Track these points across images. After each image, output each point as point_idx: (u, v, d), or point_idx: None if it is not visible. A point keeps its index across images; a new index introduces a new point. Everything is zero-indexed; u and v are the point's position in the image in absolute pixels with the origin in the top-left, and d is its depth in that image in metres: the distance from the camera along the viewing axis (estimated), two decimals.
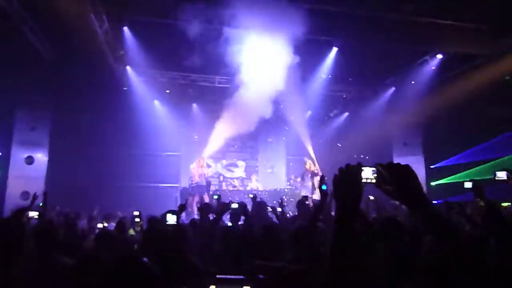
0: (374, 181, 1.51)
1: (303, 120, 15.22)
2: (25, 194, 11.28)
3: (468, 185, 5.26)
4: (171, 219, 4.09)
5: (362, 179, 1.51)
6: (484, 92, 9.89)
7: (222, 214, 4.87)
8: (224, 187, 14.15)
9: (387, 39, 9.55)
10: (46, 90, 11.59)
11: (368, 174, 1.53)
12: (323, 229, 3.16)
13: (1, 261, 2.48)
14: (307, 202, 7.27)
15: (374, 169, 1.52)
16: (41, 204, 5.64)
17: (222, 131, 14.05)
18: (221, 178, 14.68)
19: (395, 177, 1.43)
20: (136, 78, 12.08)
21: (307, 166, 12.39)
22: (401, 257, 2.28)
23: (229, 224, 5.23)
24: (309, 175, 12.25)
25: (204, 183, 12.57)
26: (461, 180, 11.36)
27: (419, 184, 1.43)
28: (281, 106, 12.66)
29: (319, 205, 3.81)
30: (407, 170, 1.44)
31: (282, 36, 9.63)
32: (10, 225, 2.81)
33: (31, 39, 8.84)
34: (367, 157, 12.63)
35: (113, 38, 9.94)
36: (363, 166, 1.53)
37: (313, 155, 13.37)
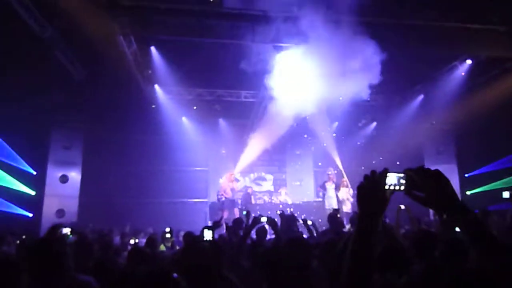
0: (402, 187, 1.39)
1: (330, 131, 15.10)
2: (60, 212, 11.64)
3: (506, 194, 5.04)
4: (208, 235, 4.12)
5: (386, 185, 1.39)
6: None
7: (251, 229, 4.84)
8: (252, 201, 14.12)
9: (414, 45, 9.38)
10: (78, 110, 12.03)
11: (395, 180, 1.40)
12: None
13: (44, 279, 2.53)
14: (338, 215, 7.14)
15: (402, 175, 1.41)
16: None
17: (250, 145, 14.11)
18: (250, 190, 14.63)
19: (426, 183, 1.33)
20: (164, 96, 12.35)
21: (329, 173, 12.23)
22: (441, 275, 2.13)
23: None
24: (333, 186, 12.02)
25: (234, 198, 12.58)
26: (498, 187, 10.89)
27: (452, 189, 1.32)
28: (307, 118, 12.56)
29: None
30: (438, 174, 1.35)
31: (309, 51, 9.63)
32: (49, 243, 2.87)
33: (63, 61, 9.23)
34: (397, 163, 12.34)
35: (141, 58, 10.24)
36: (389, 172, 1.42)
37: (341, 167, 13.16)
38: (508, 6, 8.20)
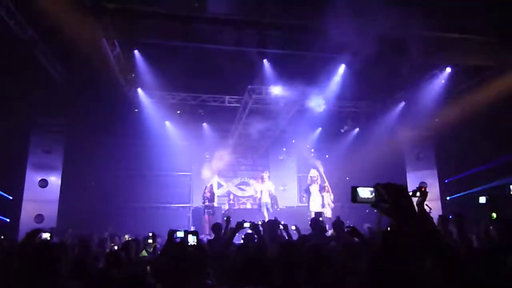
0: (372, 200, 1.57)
1: (313, 137, 15.24)
2: (39, 217, 11.38)
3: (482, 200, 5.17)
4: (192, 240, 4.12)
5: (359, 198, 1.59)
6: (495, 104, 9.79)
7: (234, 234, 4.83)
8: (236, 206, 14.11)
9: (395, 54, 9.57)
10: (59, 113, 11.81)
11: (368, 194, 1.58)
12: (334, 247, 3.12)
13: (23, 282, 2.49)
14: (320, 219, 7.18)
15: (372, 189, 1.58)
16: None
17: (233, 149, 14.10)
18: (231, 196, 14.59)
19: (391, 196, 1.49)
20: (147, 100, 12.26)
21: (313, 175, 12.17)
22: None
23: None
24: (318, 188, 12.03)
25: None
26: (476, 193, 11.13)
27: (411, 203, 1.50)
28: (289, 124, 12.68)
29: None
30: (402, 189, 1.51)
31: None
32: (26, 248, 2.83)
33: (43, 63, 9.08)
34: (377, 169, 12.51)
35: (124, 61, 10.16)
36: (362, 187, 1.60)
37: (322, 173, 13.24)
38: (485, 16, 8.44)
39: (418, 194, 2.96)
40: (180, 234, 4.32)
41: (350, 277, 2.77)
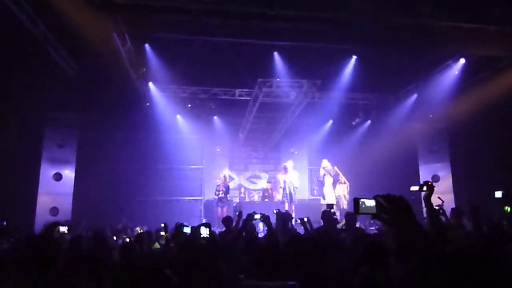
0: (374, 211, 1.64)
1: (325, 130, 15.17)
2: (53, 210, 11.59)
3: (498, 194, 5.09)
4: (204, 232, 4.13)
5: (361, 209, 1.67)
6: (510, 95, 9.61)
7: (245, 226, 4.85)
8: (247, 199, 14.15)
9: (407, 45, 9.44)
10: (72, 108, 11.96)
11: (370, 205, 1.66)
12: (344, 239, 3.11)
13: (37, 276, 2.53)
14: (332, 210, 7.16)
15: (373, 200, 1.65)
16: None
17: (244, 142, 14.08)
18: (242, 190, 14.61)
19: (391, 207, 1.59)
20: (159, 94, 12.33)
21: (324, 165, 11.92)
22: None
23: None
24: (331, 181, 11.83)
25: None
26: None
27: (412, 213, 1.60)
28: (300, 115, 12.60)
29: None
30: (401, 200, 1.61)
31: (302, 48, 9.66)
32: (44, 240, 2.88)
33: (56, 59, 9.18)
34: (391, 162, 12.37)
35: (135, 55, 10.21)
36: (364, 198, 1.67)
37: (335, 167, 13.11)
38: (499, 6, 8.27)
39: (424, 188, 2.97)
40: (187, 229, 4.34)
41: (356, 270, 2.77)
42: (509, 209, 5.48)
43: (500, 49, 9.40)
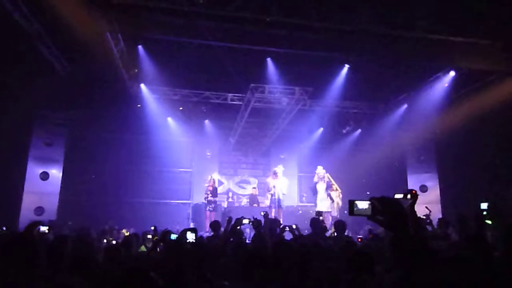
0: (369, 212, 1.70)
1: (315, 137, 15.23)
2: (39, 210, 11.41)
3: (484, 206, 5.14)
4: (191, 236, 4.09)
5: (356, 210, 1.72)
6: (498, 108, 9.75)
7: (233, 230, 4.83)
8: (236, 204, 14.09)
9: (399, 56, 9.55)
10: (61, 107, 11.82)
11: (365, 206, 1.72)
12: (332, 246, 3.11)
13: (17, 276, 2.48)
14: (321, 218, 7.16)
15: (368, 202, 1.71)
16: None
17: (234, 147, 14.06)
18: (230, 194, 14.52)
19: (386, 209, 1.64)
20: (150, 95, 12.26)
21: (319, 172, 11.50)
22: None
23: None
24: (325, 186, 11.57)
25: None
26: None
27: (405, 215, 1.65)
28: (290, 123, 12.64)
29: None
30: (396, 203, 1.66)
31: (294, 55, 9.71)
32: (25, 239, 2.83)
33: (47, 56, 9.08)
34: (379, 171, 12.43)
35: (128, 56, 10.15)
36: (359, 200, 1.73)
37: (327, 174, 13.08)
38: (491, 21, 8.42)
39: (408, 196, 2.99)
40: (174, 237, 4.30)
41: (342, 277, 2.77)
42: (490, 222, 5.53)
43: (490, 63, 9.56)
